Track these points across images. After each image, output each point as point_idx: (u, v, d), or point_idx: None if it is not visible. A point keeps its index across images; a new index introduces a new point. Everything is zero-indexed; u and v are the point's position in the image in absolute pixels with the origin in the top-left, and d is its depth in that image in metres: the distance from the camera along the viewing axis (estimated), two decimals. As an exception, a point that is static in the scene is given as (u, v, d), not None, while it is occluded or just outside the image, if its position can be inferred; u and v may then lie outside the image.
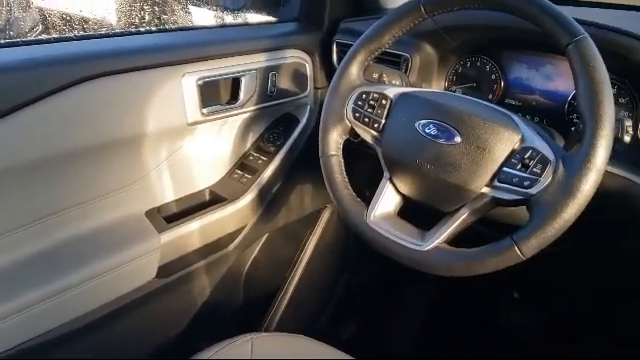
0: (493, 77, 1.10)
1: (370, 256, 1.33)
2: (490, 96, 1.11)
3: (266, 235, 1.36)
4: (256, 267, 1.36)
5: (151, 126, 1.01)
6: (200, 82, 1.06)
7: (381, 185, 0.88)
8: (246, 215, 1.22)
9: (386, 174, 0.88)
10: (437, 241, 0.79)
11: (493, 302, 1.63)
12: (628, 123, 0.80)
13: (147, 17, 1.28)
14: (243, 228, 1.25)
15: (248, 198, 1.19)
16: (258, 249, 1.36)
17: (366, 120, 0.89)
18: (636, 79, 0.92)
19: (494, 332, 1.60)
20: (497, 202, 0.77)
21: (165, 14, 1.32)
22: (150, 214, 1.10)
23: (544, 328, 1.56)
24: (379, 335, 1.67)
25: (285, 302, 1.46)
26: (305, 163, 1.25)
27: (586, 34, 0.71)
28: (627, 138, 0.81)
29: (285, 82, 1.23)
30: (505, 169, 0.75)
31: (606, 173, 0.71)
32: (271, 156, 1.25)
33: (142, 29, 1.16)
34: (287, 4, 1.36)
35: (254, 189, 1.21)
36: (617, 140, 0.78)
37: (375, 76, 1.02)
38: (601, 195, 0.71)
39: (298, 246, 1.49)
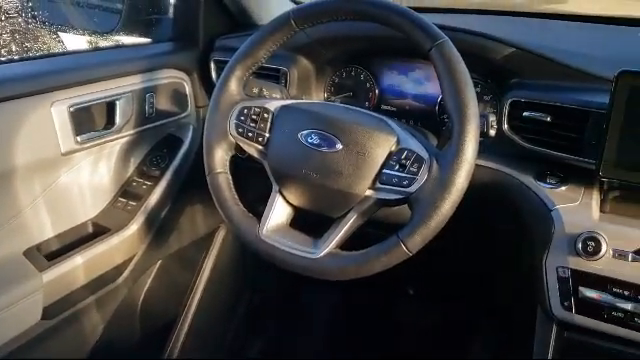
0: (368, 85, 1.15)
1: (269, 271, 1.32)
2: (367, 104, 1.16)
3: (159, 263, 1.31)
4: (151, 297, 1.31)
5: (21, 159, 0.96)
6: (72, 109, 1.01)
7: (271, 198, 0.88)
8: (134, 244, 1.17)
9: (275, 187, 0.88)
10: (329, 247, 0.80)
11: (391, 300, 1.68)
12: (492, 118, 0.87)
13: (9, 46, 1.20)
14: (132, 258, 1.19)
15: (135, 226, 1.15)
16: (151, 278, 1.31)
17: (250, 135, 0.89)
18: (497, 77, 1.00)
19: (395, 329, 1.65)
20: (381, 203, 0.80)
21: (28, 41, 1.25)
22: (29, 253, 1.03)
23: (439, 322, 1.63)
24: (285, 349, 1.67)
25: (185, 329, 1.41)
26: (193, 184, 1.22)
27: (446, 38, 0.76)
28: (492, 132, 0.88)
29: (164, 103, 1.20)
30: (385, 171, 0.78)
31: (477, 166, 0.76)
32: (156, 180, 1.21)
33: (3, 58, 1.09)
34: (160, 24, 1.34)
35: (140, 216, 1.16)
36: (484, 135, 0.84)
37: (255, 91, 1.02)
38: (476, 188, 0.76)
39: (194, 270, 1.45)
